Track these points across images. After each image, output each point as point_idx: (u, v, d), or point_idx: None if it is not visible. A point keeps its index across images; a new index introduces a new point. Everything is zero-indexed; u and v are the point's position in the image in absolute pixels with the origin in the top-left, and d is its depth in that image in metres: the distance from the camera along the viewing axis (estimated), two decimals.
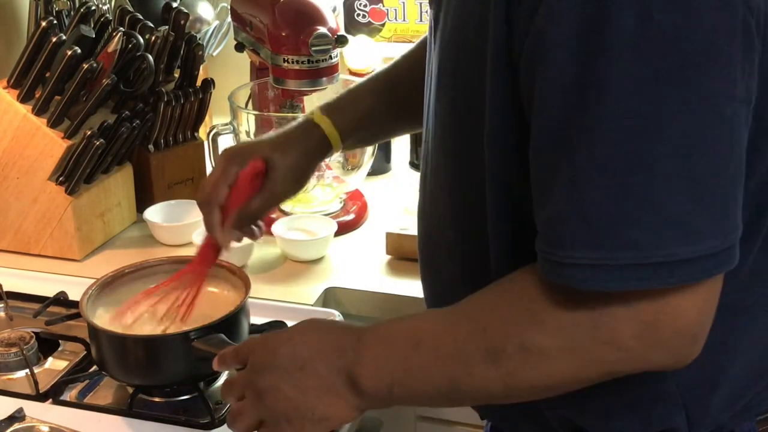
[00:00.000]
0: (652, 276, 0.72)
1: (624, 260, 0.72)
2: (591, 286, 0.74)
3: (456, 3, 0.86)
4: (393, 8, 1.94)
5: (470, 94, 0.84)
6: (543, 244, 0.77)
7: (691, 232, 0.72)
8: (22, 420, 1.10)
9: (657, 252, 0.72)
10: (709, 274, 0.74)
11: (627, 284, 0.73)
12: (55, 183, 1.48)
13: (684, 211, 0.72)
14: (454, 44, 0.86)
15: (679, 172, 0.71)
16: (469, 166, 0.88)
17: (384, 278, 1.45)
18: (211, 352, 1.07)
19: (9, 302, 1.38)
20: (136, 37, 1.52)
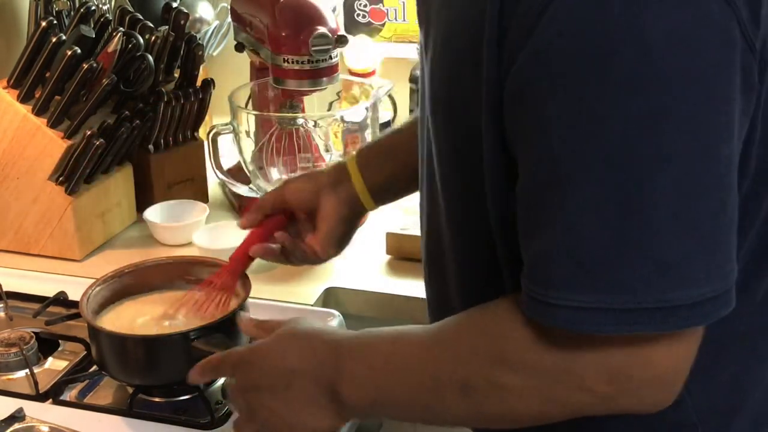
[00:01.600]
0: (647, 321, 0.70)
1: (618, 304, 0.70)
2: (582, 328, 0.71)
3: (444, 34, 0.83)
4: (393, 8, 1.94)
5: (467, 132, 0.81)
6: (530, 282, 0.75)
7: (688, 277, 0.70)
8: (22, 420, 1.10)
9: (652, 297, 0.69)
10: (706, 320, 0.71)
11: (621, 328, 0.71)
12: (55, 183, 1.48)
13: (680, 255, 0.69)
14: (447, 78, 0.83)
15: (676, 216, 0.69)
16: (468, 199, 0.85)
17: (384, 278, 1.45)
18: (211, 353, 1.07)
19: (9, 302, 1.38)
20: (136, 37, 1.52)
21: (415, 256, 1.45)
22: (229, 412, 1.13)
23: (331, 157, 1.62)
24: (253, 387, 0.90)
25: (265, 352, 0.91)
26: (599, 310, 0.70)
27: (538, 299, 0.73)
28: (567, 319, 0.72)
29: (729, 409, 0.87)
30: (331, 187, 1.12)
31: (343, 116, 1.63)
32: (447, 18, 0.82)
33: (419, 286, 1.40)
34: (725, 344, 0.82)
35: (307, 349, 0.89)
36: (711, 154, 0.69)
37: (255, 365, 0.91)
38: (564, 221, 0.71)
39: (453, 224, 0.91)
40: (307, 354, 0.88)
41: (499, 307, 0.80)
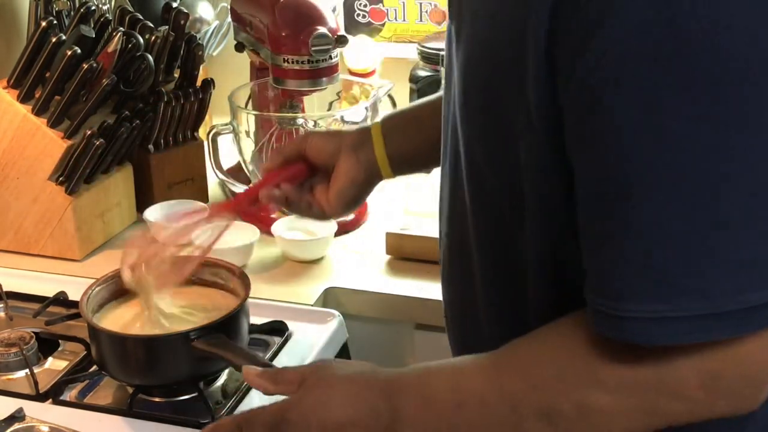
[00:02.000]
0: (722, 327, 0.69)
1: (691, 311, 0.68)
2: (654, 341, 0.70)
3: (482, 31, 0.80)
4: (393, 8, 1.94)
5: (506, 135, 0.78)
6: (596, 295, 0.73)
7: (762, 277, 0.68)
8: (22, 420, 1.10)
9: (727, 300, 0.68)
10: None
11: (694, 336, 0.69)
12: (55, 183, 1.48)
13: (753, 256, 0.68)
14: (482, 78, 0.80)
15: (746, 217, 0.68)
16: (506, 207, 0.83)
17: (384, 278, 1.45)
18: (211, 352, 1.08)
19: (9, 302, 1.38)
20: (136, 37, 1.52)
21: (415, 256, 1.46)
22: (229, 412, 1.13)
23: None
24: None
25: (305, 408, 0.84)
26: (676, 319, 0.69)
27: (606, 312, 0.72)
28: (635, 331, 0.70)
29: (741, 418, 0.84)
30: (352, 149, 1.09)
31: (343, 116, 1.63)
32: (485, 14, 0.79)
33: (419, 286, 1.41)
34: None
35: (353, 397, 0.83)
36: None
37: (298, 424, 0.84)
38: (635, 229, 0.69)
39: (481, 226, 0.88)
40: (354, 402, 0.83)
41: (571, 326, 0.77)
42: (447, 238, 0.98)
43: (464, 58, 0.83)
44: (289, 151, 1.12)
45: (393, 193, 1.71)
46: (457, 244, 0.94)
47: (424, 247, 1.44)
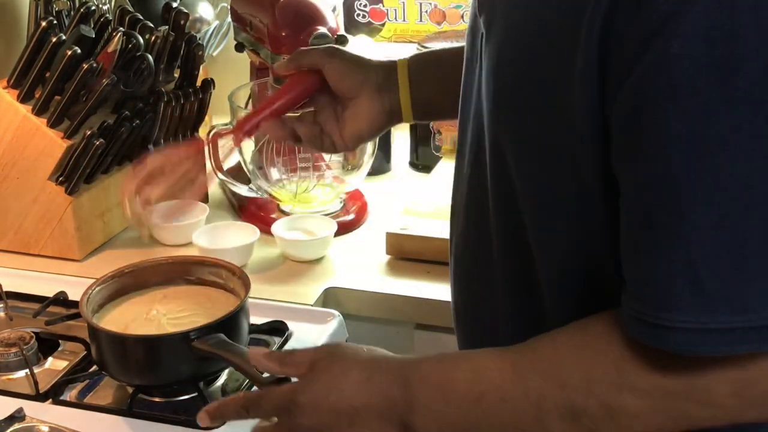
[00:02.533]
0: (764, 339, 0.69)
1: (737, 324, 0.69)
2: (696, 351, 0.70)
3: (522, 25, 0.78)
4: (393, 8, 1.94)
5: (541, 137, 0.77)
6: (636, 303, 0.72)
7: None
8: (22, 420, 1.10)
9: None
10: None
11: (736, 348, 0.70)
12: (55, 183, 1.48)
13: None
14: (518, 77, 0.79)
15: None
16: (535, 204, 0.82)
17: (384, 278, 1.45)
18: (211, 352, 1.07)
19: (9, 302, 1.38)
20: (136, 37, 1.52)
21: (415, 256, 1.46)
22: None
23: (331, 157, 1.62)
24: (312, 428, 0.84)
25: (316, 391, 0.83)
26: (717, 331, 0.69)
27: (648, 321, 0.71)
28: (680, 341, 0.70)
29: None
30: (377, 89, 1.07)
31: None
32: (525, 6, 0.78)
33: (419, 286, 1.41)
34: None
35: (366, 382, 0.83)
36: None
37: (307, 406, 0.83)
38: (680, 240, 0.69)
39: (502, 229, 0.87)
40: (367, 387, 0.82)
41: (602, 327, 0.77)
42: (461, 237, 0.96)
43: (497, 55, 0.82)
44: (308, 61, 1.07)
45: (393, 193, 1.71)
46: (475, 244, 0.93)
47: (424, 247, 1.44)
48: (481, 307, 0.94)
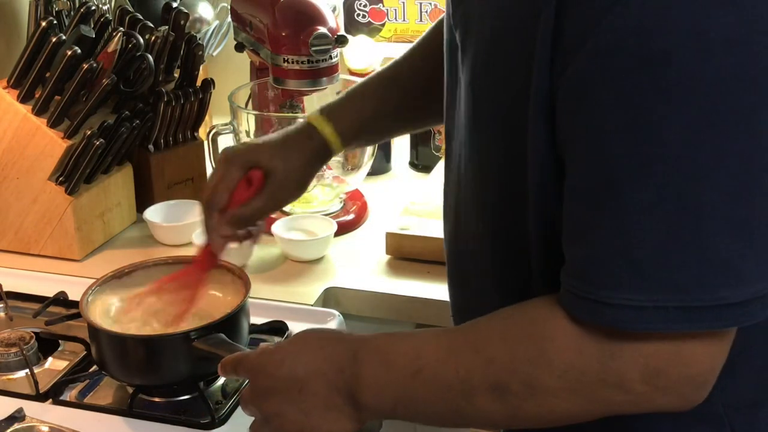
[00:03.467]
0: (700, 318, 0.71)
1: (671, 303, 0.71)
2: (632, 327, 0.73)
3: (490, 39, 0.82)
4: (393, 8, 1.94)
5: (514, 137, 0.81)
6: (578, 281, 0.75)
7: (741, 276, 0.71)
8: (22, 420, 1.10)
9: (705, 296, 0.71)
10: (756, 317, 0.72)
11: (674, 326, 0.72)
12: (55, 183, 1.48)
13: (733, 254, 0.70)
14: (492, 82, 0.83)
15: (729, 216, 0.70)
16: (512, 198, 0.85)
17: (384, 278, 1.45)
18: (211, 352, 1.07)
19: (9, 302, 1.38)
20: (136, 37, 1.52)
21: (415, 256, 1.46)
22: (229, 412, 1.13)
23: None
24: (266, 393, 0.89)
25: (277, 357, 0.89)
26: (653, 309, 0.71)
27: (588, 297, 0.74)
28: (619, 318, 0.73)
29: (755, 403, 0.87)
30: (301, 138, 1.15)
31: None
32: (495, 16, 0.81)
33: (419, 286, 1.41)
34: (750, 341, 0.82)
35: (321, 352, 0.87)
36: (766, 154, 0.70)
37: (267, 370, 0.89)
38: (619, 221, 0.72)
39: (490, 227, 0.90)
40: (321, 357, 0.87)
41: (537, 309, 0.80)
42: (452, 238, 0.99)
43: (472, 67, 0.85)
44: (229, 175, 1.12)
45: (393, 193, 1.71)
46: (464, 244, 0.96)
47: (424, 247, 1.44)
48: (474, 305, 0.95)
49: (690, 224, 0.70)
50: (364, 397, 0.85)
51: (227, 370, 0.96)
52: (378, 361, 0.85)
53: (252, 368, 0.92)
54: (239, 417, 1.11)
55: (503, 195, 0.86)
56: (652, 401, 0.76)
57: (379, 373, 0.84)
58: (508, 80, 0.80)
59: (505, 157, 0.84)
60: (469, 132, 0.89)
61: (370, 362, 0.85)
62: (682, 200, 0.70)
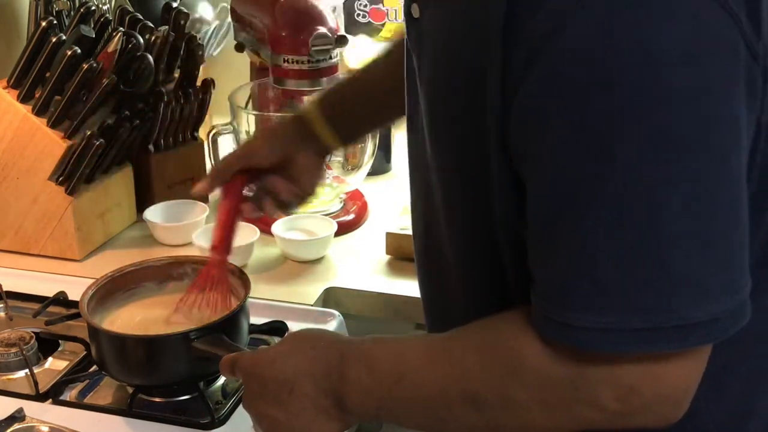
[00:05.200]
0: (667, 339, 0.70)
1: (636, 324, 0.70)
2: (601, 348, 0.72)
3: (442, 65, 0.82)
4: (393, 8, 1.94)
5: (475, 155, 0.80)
6: (546, 302, 0.74)
7: (705, 294, 0.70)
8: (22, 420, 1.10)
9: (670, 315, 0.70)
10: (725, 334, 0.71)
11: (641, 347, 0.71)
12: (55, 183, 1.48)
13: (696, 272, 0.70)
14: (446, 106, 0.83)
15: (690, 234, 0.69)
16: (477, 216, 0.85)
17: (384, 278, 1.45)
18: (211, 352, 1.07)
19: (9, 302, 1.38)
20: (136, 37, 1.52)
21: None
22: (229, 412, 1.13)
23: (330, 158, 1.62)
24: (257, 395, 0.90)
25: (269, 359, 0.90)
26: (619, 331, 0.70)
27: (556, 320, 0.73)
28: (586, 339, 0.72)
29: (743, 414, 0.87)
30: (302, 143, 1.16)
31: None
32: (443, 42, 0.82)
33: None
34: (736, 353, 0.81)
35: (311, 354, 0.88)
36: (722, 169, 0.69)
37: (259, 371, 0.90)
38: (580, 244, 0.71)
39: (454, 234, 0.90)
40: (310, 359, 0.87)
41: (511, 323, 0.79)
42: (421, 239, 1.00)
43: (427, 89, 0.86)
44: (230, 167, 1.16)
45: (393, 193, 1.71)
46: (432, 246, 0.96)
47: None
48: (446, 304, 0.97)
49: (651, 244, 0.69)
50: (349, 400, 0.85)
51: (225, 370, 0.96)
52: (363, 365, 0.85)
53: (245, 369, 0.92)
54: (239, 417, 1.11)
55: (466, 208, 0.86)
56: (627, 420, 0.75)
57: (362, 377, 0.84)
58: (463, 109, 0.80)
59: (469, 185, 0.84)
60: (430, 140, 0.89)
61: (356, 366, 0.85)
62: (641, 221, 0.69)
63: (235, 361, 0.94)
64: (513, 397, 0.77)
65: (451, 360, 0.81)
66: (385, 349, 0.86)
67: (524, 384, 0.76)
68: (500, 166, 0.78)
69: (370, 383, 0.84)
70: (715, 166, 0.69)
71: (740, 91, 0.69)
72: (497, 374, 0.78)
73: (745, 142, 0.71)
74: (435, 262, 0.97)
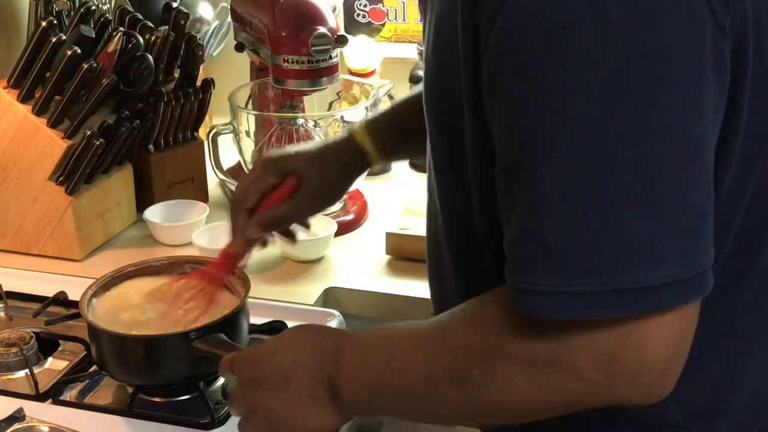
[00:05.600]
0: (615, 304, 0.69)
1: (584, 287, 0.69)
2: (549, 314, 0.71)
3: (435, 34, 0.84)
4: (393, 8, 1.94)
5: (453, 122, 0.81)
6: (508, 269, 0.74)
7: (654, 259, 0.69)
8: (22, 420, 1.10)
9: (618, 278, 0.68)
10: (675, 302, 0.70)
11: (587, 312, 0.70)
12: (55, 183, 1.48)
13: (646, 236, 0.68)
14: (434, 70, 0.85)
15: (641, 197, 0.68)
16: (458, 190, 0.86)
17: (384, 278, 1.45)
18: (211, 352, 1.07)
19: (9, 302, 1.38)
20: (136, 37, 1.52)
21: (415, 256, 1.46)
22: (229, 412, 1.13)
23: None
24: (254, 385, 0.90)
25: (267, 351, 0.91)
26: (567, 294, 0.70)
27: (512, 285, 0.73)
28: (533, 304, 0.71)
29: (713, 411, 0.86)
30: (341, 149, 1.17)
31: (343, 116, 1.63)
32: (438, 7, 0.83)
33: (419, 286, 1.40)
34: (707, 347, 0.81)
35: (308, 345, 0.89)
36: (678, 134, 0.68)
37: (256, 362, 0.91)
38: (529, 204, 0.70)
39: (447, 221, 0.91)
40: (307, 350, 0.88)
41: (491, 297, 0.80)
42: (429, 236, 1.01)
43: (425, 56, 0.87)
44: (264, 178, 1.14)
45: (393, 193, 1.71)
46: (434, 242, 0.98)
47: (423, 247, 1.43)
48: (446, 301, 0.96)
49: (600, 205, 0.68)
50: (342, 388, 0.85)
51: (224, 369, 0.96)
52: (356, 352, 0.86)
53: (244, 360, 0.93)
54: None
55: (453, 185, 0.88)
56: (610, 391, 0.74)
57: (356, 363, 0.85)
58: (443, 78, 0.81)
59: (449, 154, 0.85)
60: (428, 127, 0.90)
61: (349, 354, 0.86)
62: (589, 179, 0.68)
63: (233, 358, 0.95)
64: (498, 371, 0.76)
65: (436, 337, 0.82)
66: (376, 335, 0.88)
67: (506, 354, 0.76)
68: (474, 132, 0.78)
69: (361, 368, 0.85)
70: (670, 130, 0.68)
71: (704, 59, 0.69)
72: (480, 346, 0.78)
73: (709, 115, 0.70)
74: (439, 260, 0.98)
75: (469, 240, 0.87)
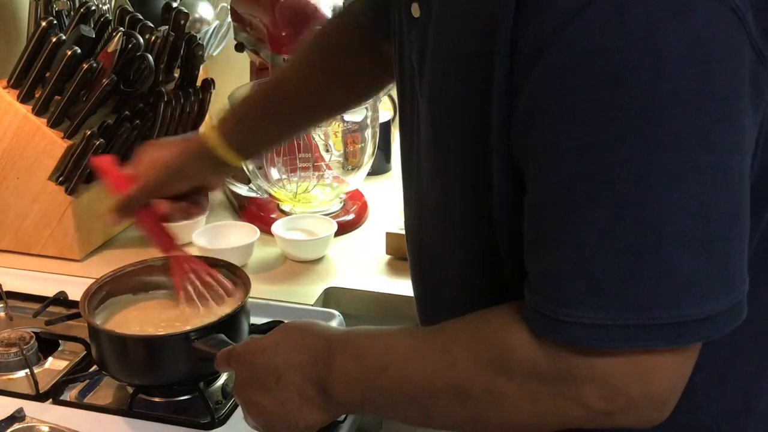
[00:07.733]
0: (660, 336, 0.70)
1: (630, 321, 0.70)
2: (596, 344, 0.72)
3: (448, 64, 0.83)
4: None
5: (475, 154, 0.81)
6: (539, 298, 0.74)
7: (701, 293, 0.70)
8: (22, 420, 1.10)
9: (666, 313, 0.70)
10: (719, 332, 0.71)
11: (635, 343, 0.71)
12: (55, 183, 1.48)
13: (693, 272, 0.70)
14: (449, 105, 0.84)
15: (689, 233, 0.69)
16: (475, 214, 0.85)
17: (384, 278, 1.45)
18: (211, 352, 1.07)
19: (9, 302, 1.38)
20: (136, 37, 1.52)
21: None
22: (229, 412, 1.13)
23: (331, 157, 1.62)
24: (248, 382, 0.91)
25: (260, 347, 0.91)
26: (612, 327, 0.71)
27: (549, 315, 0.73)
28: (577, 335, 0.72)
29: (744, 410, 0.87)
30: (208, 171, 1.20)
31: (343, 116, 1.63)
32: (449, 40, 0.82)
33: None
34: (737, 348, 0.82)
35: (301, 343, 0.89)
36: (724, 171, 0.69)
37: (249, 361, 0.91)
38: (577, 240, 0.71)
39: (451, 233, 0.90)
40: (299, 348, 0.88)
41: (501, 316, 0.79)
42: (415, 238, 1.00)
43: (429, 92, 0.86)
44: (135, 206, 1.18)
45: (393, 193, 1.71)
46: (427, 245, 0.96)
47: None
48: (437, 303, 0.97)
49: (649, 243, 0.69)
50: (334, 389, 0.85)
51: (220, 363, 0.97)
52: (349, 354, 0.86)
53: (238, 356, 0.93)
54: (239, 417, 1.11)
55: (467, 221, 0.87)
56: (611, 419, 0.75)
57: (349, 366, 0.85)
58: (467, 106, 0.80)
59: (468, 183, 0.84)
60: (432, 157, 0.89)
61: (342, 355, 0.86)
62: (640, 219, 0.69)
63: (230, 352, 0.95)
64: (499, 389, 0.77)
65: (438, 350, 0.81)
66: (372, 340, 0.87)
67: (511, 376, 0.76)
68: (501, 164, 0.78)
69: (355, 372, 0.84)
70: (717, 168, 0.69)
71: (745, 93, 0.70)
72: (484, 366, 0.78)
73: (748, 146, 0.72)
74: (429, 262, 0.97)
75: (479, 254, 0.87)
